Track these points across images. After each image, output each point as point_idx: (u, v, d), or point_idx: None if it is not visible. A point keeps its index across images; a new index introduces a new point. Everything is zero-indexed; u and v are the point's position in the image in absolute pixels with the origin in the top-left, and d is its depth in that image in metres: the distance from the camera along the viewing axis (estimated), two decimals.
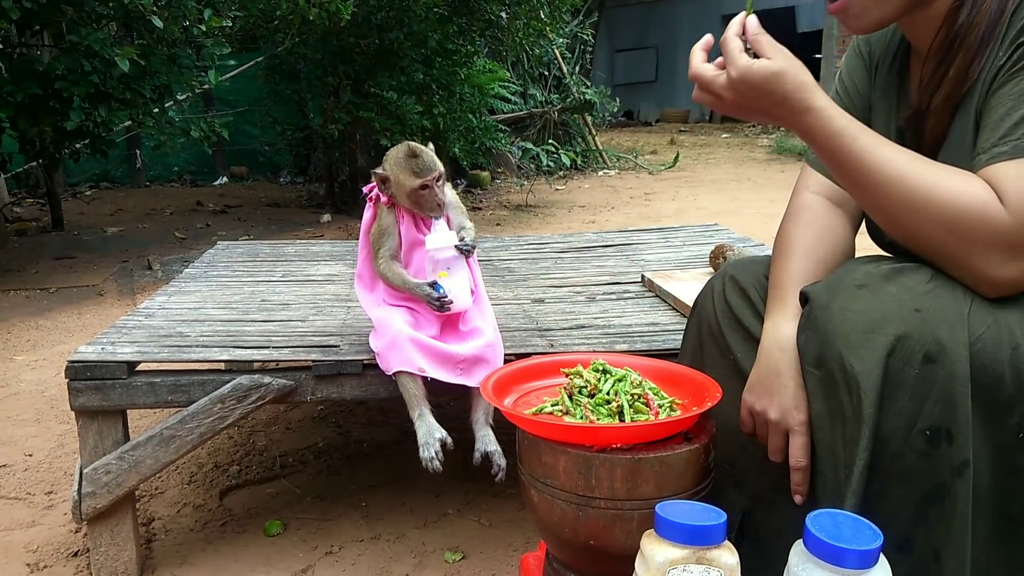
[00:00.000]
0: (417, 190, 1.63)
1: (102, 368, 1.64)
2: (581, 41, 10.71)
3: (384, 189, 1.68)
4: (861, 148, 1.00)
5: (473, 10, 6.31)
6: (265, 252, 2.89)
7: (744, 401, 1.16)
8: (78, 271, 4.96)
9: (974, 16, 1.02)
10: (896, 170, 0.99)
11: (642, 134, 14.36)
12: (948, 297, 0.97)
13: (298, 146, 8.77)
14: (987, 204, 0.94)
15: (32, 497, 2.16)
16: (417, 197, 1.64)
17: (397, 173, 1.64)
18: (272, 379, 1.69)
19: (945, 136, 1.08)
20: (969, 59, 1.03)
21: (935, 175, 0.98)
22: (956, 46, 1.04)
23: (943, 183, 0.97)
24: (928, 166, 0.99)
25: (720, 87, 1.04)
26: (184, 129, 5.21)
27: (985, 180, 0.96)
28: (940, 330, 0.94)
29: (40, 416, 2.72)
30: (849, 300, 1.01)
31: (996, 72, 1.00)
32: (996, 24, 1.00)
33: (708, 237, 2.85)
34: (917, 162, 0.99)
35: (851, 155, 1.01)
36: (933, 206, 0.97)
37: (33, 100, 4.28)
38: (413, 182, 1.62)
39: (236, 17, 5.27)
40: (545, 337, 1.84)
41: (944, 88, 1.06)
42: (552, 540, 1.24)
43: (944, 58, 1.06)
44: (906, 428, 0.95)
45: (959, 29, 1.04)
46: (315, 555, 1.84)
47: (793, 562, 0.90)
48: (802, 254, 1.21)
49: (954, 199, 0.96)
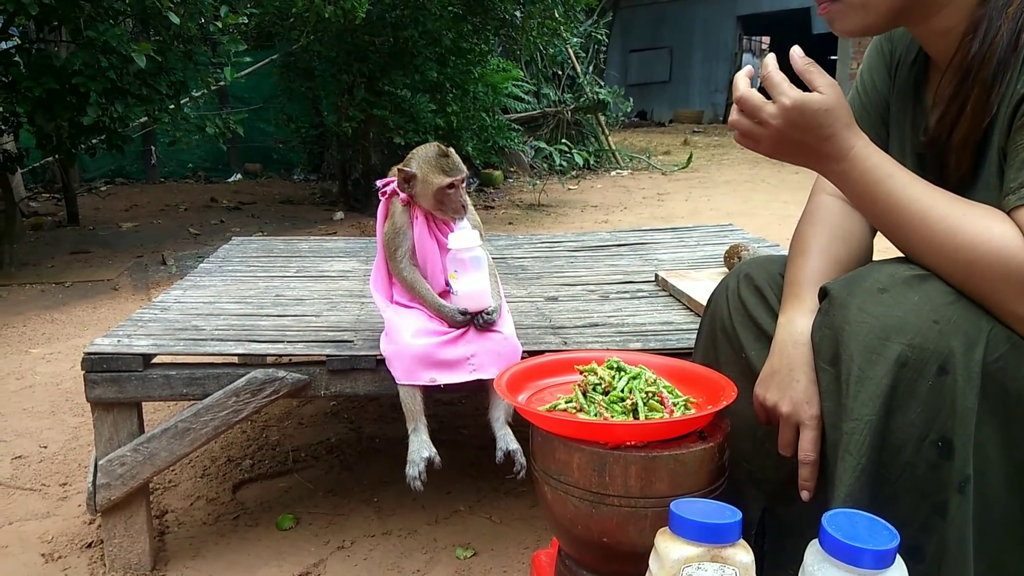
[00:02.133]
0: (444, 189, 1.63)
1: (118, 360, 1.65)
2: (595, 41, 10.70)
3: (407, 188, 1.68)
4: (891, 187, 1.00)
5: (487, 9, 6.31)
6: (279, 248, 2.90)
7: (756, 395, 1.15)
8: (93, 266, 4.99)
9: (985, 48, 1.00)
10: (920, 208, 0.98)
11: (655, 134, 14.33)
12: (969, 311, 0.96)
13: (312, 144, 8.80)
14: (1010, 247, 0.93)
15: (47, 488, 2.17)
16: (443, 196, 1.64)
17: (426, 171, 1.64)
18: (286, 373, 1.69)
19: (973, 173, 1.06)
20: (986, 94, 1.01)
21: (959, 214, 0.97)
22: (971, 79, 1.02)
23: (966, 224, 0.96)
24: (953, 204, 0.98)
25: (769, 115, 1.02)
26: (199, 126, 5.25)
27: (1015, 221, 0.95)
28: (955, 343, 0.93)
29: (55, 408, 2.75)
30: (868, 302, 1.00)
31: (1016, 105, 0.97)
32: (1010, 54, 0.98)
33: (723, 237, 2.84)
34: (942, 200, 0.98)
35: (880, 194, 1.00)
36: (953, 247, 0.96)
37: (50, 95, 4.31)
38: (442, 180, 1.62)
39: (252, 14, 5.31)
40: (559, 335, 1.83)
41: (963, 124, 1.04)
42: (565, 537, 1.24)
43: (959, 91, 1.04)
44: (918, 439, 0.95)
45: (972, 60, 1.01)
46: (327, 550, 1.85)
47: (809, 561, 0.89)
48: (818, 253, 1.20)
49: (975, 241, 0.95)
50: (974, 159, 1.05)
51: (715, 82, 18.04)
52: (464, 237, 1.63)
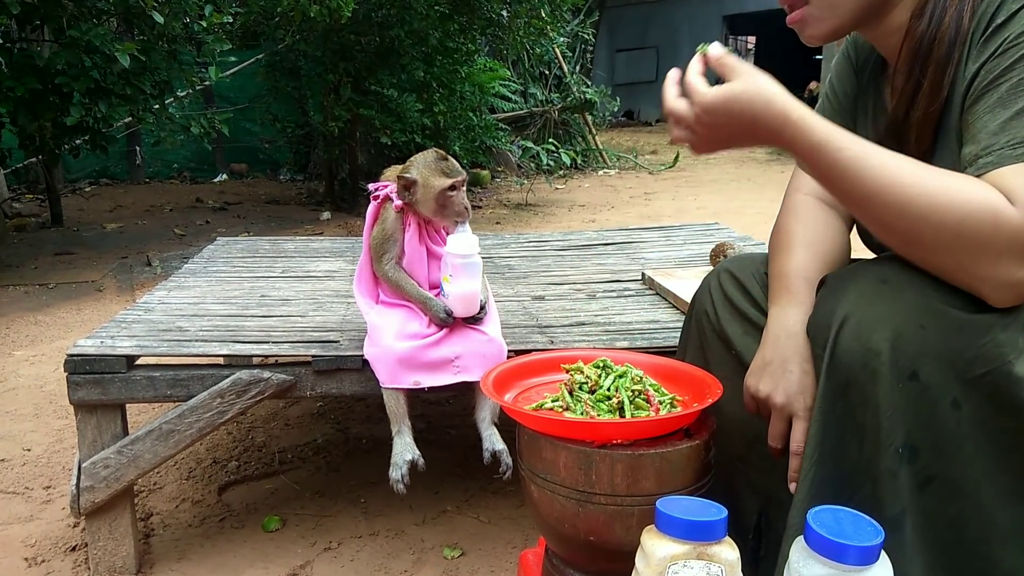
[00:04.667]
0: (446, 191, 1.62)
1: (101, 362, 1.64)
2: (582, 40, 10.72)
3: (406, 195, 1.66)
4: (848, 158, 0.96)
5: (474, 8, 6.31)
6: (265, 248, 2.89)
7: (747, 385, 1.15)
8: (77, 267, 4.95)
9: (934, 28, 1.02)
10: (890, 177, 0.94)
11: (642, 134, 14.35)
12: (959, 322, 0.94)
13: (298, 143, 8.77)
14: (997, 205, 0.90)
15: (30, 492, 2.15)
16: (444, 200, 1.63)
17: (427, 175, 1.63)
18: (272, 374, 1.68)
19: (932, 152, 1.07)
20: (940, 71, 1.02)
21: (935, 179, 0.94)
22: (925, 60, 1.03)
23: (945, 186, 0.93)
24: (926, 170, 0.95)
25: (693, 120, 1.02)
26: (184, 125, 5.21)
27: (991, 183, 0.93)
28: (933, 348, 0.93)
29: (39, 411, 2.72)
30: (866, 291, 0.99)
31: (968, 84, 0.98)
32: (960, 33, 1.00)
33: (709, 236, 2.85)
34: (913, 166, 0.95)
35: (836, 166, 0.97)
36: (936, 211, 0.92)
37: (33, 95, 4.27)
38: (444, 182, 1.62)
39: (237, 13, 5.28)
40: (545, 334, 1.83)
41: (920, 102, 1.05)
42: (552, 536, 1.24)
43: (912, 71, 1.05)
44: (886, 444, 0.95)
45: (921, 41, 1.03)
46: (313, 551, 1.84)
47: (794, 558, 0.89)
48: (802, 247, 1.21)
49: (959, 202, 0.91)
50: (934, 136, 1.06)
51: None
52: (463, 242, 1.62)
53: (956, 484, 0.95)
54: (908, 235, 0.96)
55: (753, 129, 1.00)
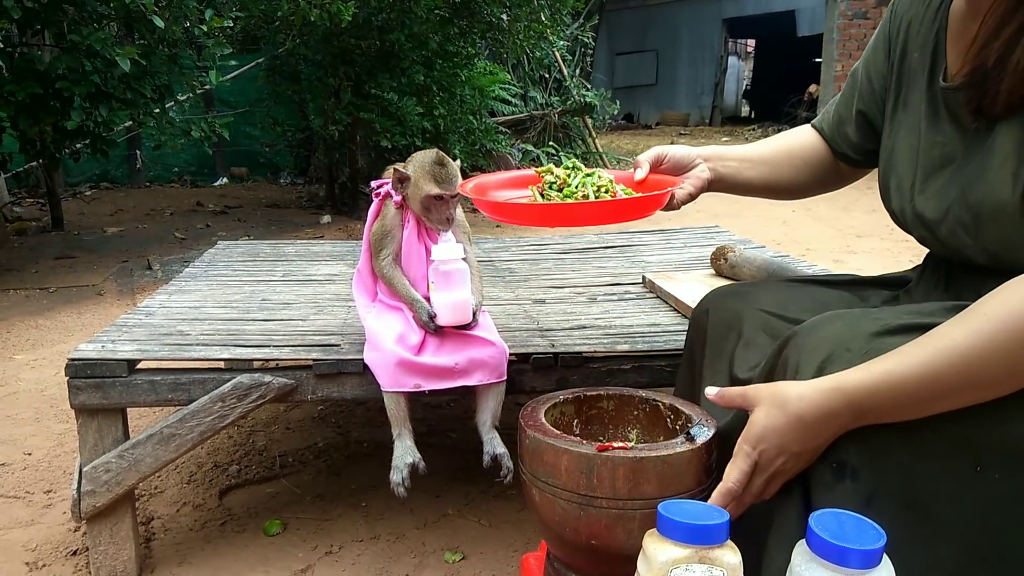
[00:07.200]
0: (432, 198, 1.62)
1: (102, 366, 1.64)
2: (581, 44, 10.72)
3: (400, 188, 1.67)
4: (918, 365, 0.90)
5: (474, 12, 6.31)
6: (266, 252, 2.89)
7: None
8: (78, 271, 4.95)
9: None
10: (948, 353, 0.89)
11: (642, 137, 14.37)
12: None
13: (298, 147, 8.77)
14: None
15: (31, 496, 2.15)
16: (429, 204, 1.63)
17: (418, 176, 1.63)
18: (272, 378, 1.68)
19: (991, 129, 1.03)
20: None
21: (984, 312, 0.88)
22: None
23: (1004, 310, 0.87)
24: (967, 317, 0.89)
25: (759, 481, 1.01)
26: (184, 129, 5.21)
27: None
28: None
29: (39, 415, 2.72)
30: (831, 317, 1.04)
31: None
32: None
33: (709, 239, 2.85)
34: (950, 328, 0.90)
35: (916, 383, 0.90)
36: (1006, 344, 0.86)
37: (34, 99, 4.27)
38: (432, 189, 1.61)
39: (237, 18, 5.27)
40: (546, 337, 1.83)
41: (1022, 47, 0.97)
42: (553, 540, 1.24)
43: (1017, 8, 0.98)
44: (820, 459, 0.98)
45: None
46: (315, 555, 1.84)
47: (796, 561, 0.89)
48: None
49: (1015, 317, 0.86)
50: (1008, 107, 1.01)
51: (701, 85, 18.13)
52: (445, 250, 1.61)
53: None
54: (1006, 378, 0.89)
55: (831, 424, 0.95)
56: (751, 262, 2.07)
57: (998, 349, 0.87)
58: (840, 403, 0.94)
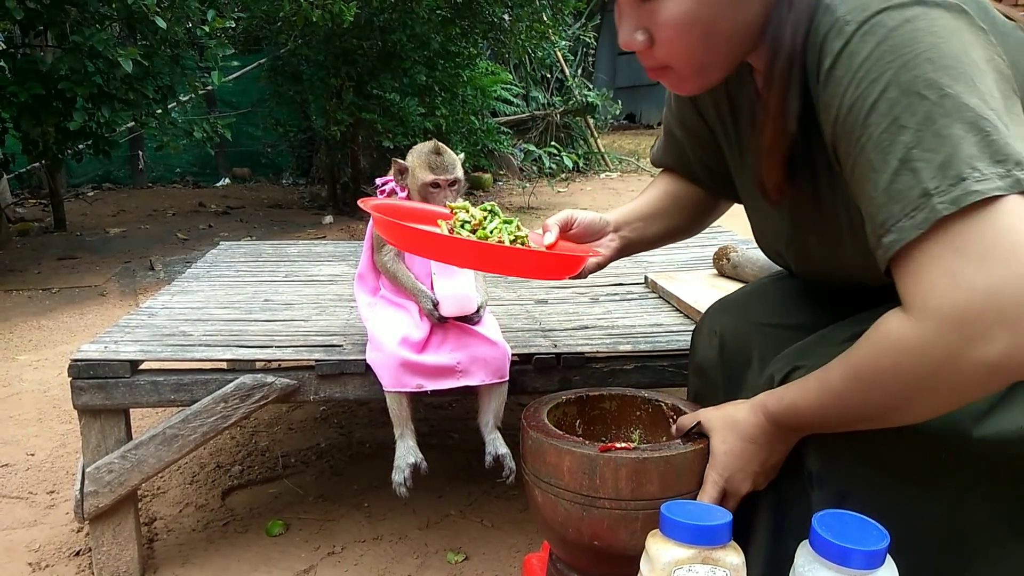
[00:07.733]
0: (428, 186, 1.64)
1: (105, 367, 1.64)
2: (583, 44, 10.73)
3: (401, 180, 1.70)
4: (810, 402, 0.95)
5: (476, 12, 6.31)
6: (268, 252, 2.89)
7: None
8: (80, 271, 4.96)
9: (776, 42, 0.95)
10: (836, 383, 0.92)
11: (644, 137, 14.35)
12: None
13: (300, 148, 8.76)
14: (891, 338, 0.83)
15: (34, 496, 2.15)
16: (426, 193, 1.65)
17: (415, 165, 1.66)
18: (275, 378, 1.68)
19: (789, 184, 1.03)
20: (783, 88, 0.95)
21: (854, 350, 0.89)
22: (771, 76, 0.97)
23: (862, 350, 0.88)
24: (851, 353, 0.90)
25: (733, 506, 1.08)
26: (187, 130, 5.22)
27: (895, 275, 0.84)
28: None
29: (42, 416, 2.72)
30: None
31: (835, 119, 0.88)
32: (798, 43, 0.93)
33: (711, 239, 2.84)
34: (838, 362, 0.91)
35: (815, 411, 0.96)
36: (868, 377, 0.88)
37: (36, 100, 4.28)
38: (426, 176, 1.64)
39: (239, 18, 5.28)
40: (548, 337, 1.83)
41: (768, 125, 0.99)
42: (556, 540, 1.24)
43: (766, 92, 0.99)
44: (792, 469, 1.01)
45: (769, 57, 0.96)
46: (317, 555, 1.84)
47: (799, 562, 0.89)
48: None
49: (868, 357, 0.87)
50: (784, 168, 1.01)
51: None
52: None
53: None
54: (893, 411, 0.89)
55: (769, 448, 1.03)
56: (753, 262, 2.07)
57: (864, 392, 0.89)
58: (770, 423, 1.01)
